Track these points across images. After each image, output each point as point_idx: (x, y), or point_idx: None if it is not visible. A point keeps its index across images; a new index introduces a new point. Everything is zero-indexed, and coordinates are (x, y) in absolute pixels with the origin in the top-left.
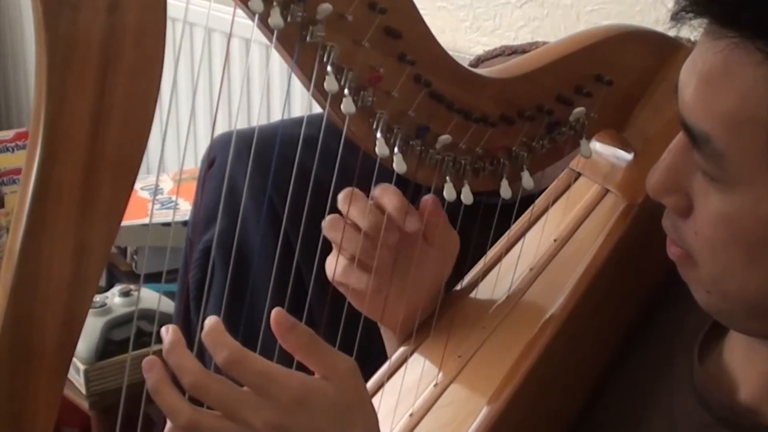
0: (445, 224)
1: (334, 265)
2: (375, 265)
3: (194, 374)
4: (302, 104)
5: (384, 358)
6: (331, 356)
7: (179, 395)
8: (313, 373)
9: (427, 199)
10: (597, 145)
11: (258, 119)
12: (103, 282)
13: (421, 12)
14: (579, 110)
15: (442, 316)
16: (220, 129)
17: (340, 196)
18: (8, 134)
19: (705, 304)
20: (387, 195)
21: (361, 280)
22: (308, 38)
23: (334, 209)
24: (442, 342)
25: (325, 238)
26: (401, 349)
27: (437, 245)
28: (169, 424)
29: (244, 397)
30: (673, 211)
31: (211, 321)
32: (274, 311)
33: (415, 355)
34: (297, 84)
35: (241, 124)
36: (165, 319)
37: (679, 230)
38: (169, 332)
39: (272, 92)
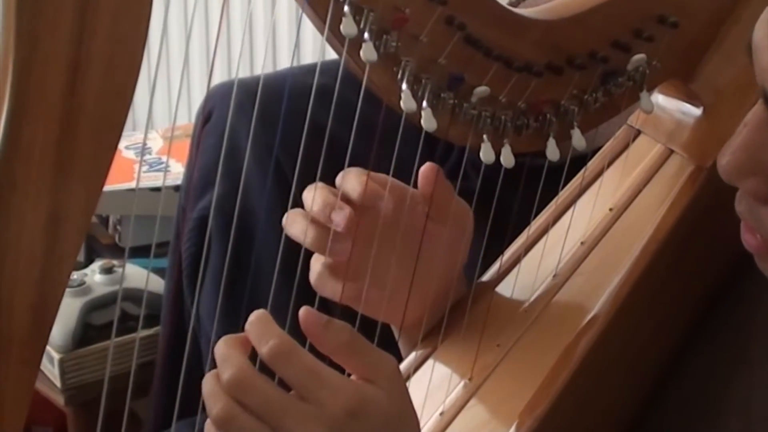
0: (443, 192)
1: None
2: (343, 263)
3: (238, 368)
4: (313, 51)
5: None
6: (375, 356)
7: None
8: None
9: (424, 167)
10: (660, 98)
11: (263, 67)
12: (80, 257)
13: None
14: (638, 57)
15: (478, 300)
16: (218, 79)
17: (305, 193)
18: None
19: None
20: (347, 179)
21: (336, 289)
22: None
23: None
24: (477, 330)
25: None
26: (427, 343)
27: (432, 216)
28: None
29: (290, 404)
30: (752, 196)
31: (257, 312)
32: (303, 310)
33: (446, 345)
34: (308, 27)
35: (243, 73)
36: (153, 299)
37: (760, 219)
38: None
39: (279, 36)
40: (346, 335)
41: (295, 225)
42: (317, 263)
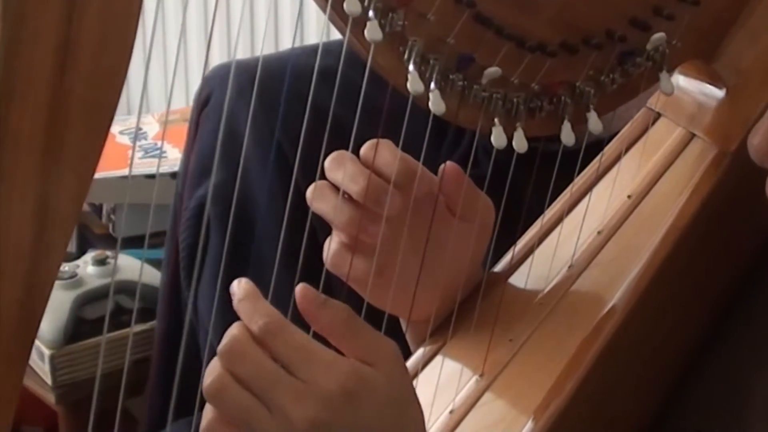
0: (469, 190)
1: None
2: (373, 245)
3: (231, 337)
4: (317, 31)
5: None
6: (373, 337)
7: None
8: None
9: (447, 168)
10: (680, 80)
11: (263, 48)
12: (72, 248)
13: None
14: (658, 36)
15: (489, 292)
16: (217, 60)
17: (328, 161)
18: None
19: None
20: (381, 154)
21: (358, 267)
22: None
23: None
24: (488, 323)
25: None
26: (436, 338)
27: (460, 215)
28: None
29: (285, 378)
30: None
31: (245, 285)
32: (300, 287)
33: (456, 340)
34: (311, 6)
35: (243, 54)
36: (148, 292)
37: None
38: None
39: (280, 15)
40: (343, 314)
41: (324, 201)
42: (333, 242)
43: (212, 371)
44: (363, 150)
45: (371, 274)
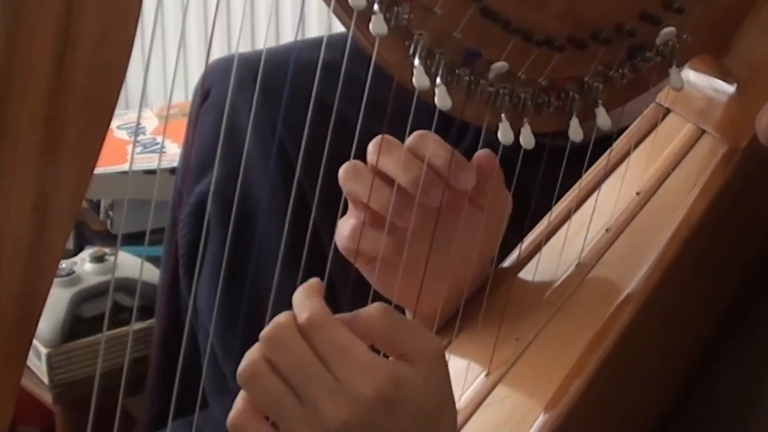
0: (498, 183)
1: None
2: (403, 229)
3: (275, 325)
4: (319, 24)
5: None
6: (413, 335)
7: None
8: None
9: (481, 155)
10: (690, 75)
11: (265, 42)
12: (70, 245)
13: None
14: (668, 31)
15: (496, 290)
16: (217, 53)
17: (371, 146)
18: None
19: None
20: (430, 145)
21: (378, 242)
22: None
23: (360, 155)
24: (495, 322)
25: None
26: (441, 335)
27: (486, 209)
28: None
29: (323, 374)
30: None
31: (313, 280)
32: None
33: (461, 339)
34: None
35: (244, 48)
36: (147, 290)
37: None
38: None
39: (282, 8)
40: (375, 319)
41: (359, 182)
42: (349, 221)
43: (250, 355)
44: (411, 140)
45: (383, 253)
